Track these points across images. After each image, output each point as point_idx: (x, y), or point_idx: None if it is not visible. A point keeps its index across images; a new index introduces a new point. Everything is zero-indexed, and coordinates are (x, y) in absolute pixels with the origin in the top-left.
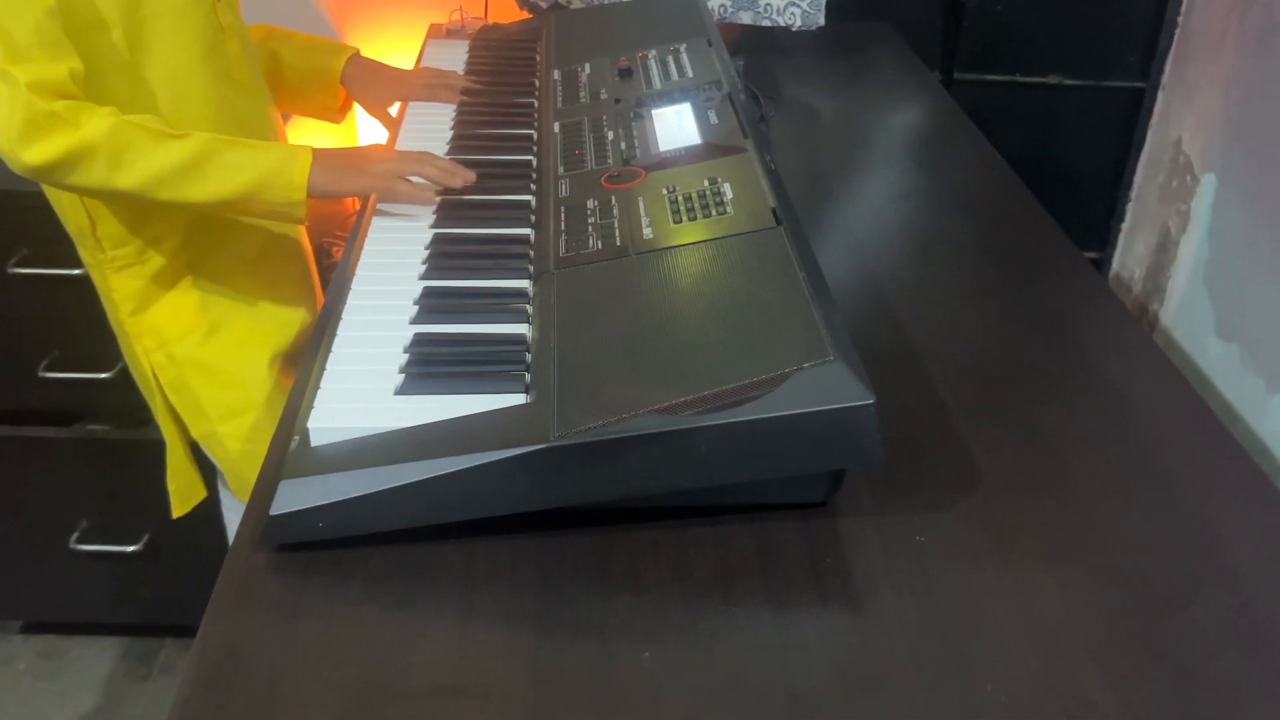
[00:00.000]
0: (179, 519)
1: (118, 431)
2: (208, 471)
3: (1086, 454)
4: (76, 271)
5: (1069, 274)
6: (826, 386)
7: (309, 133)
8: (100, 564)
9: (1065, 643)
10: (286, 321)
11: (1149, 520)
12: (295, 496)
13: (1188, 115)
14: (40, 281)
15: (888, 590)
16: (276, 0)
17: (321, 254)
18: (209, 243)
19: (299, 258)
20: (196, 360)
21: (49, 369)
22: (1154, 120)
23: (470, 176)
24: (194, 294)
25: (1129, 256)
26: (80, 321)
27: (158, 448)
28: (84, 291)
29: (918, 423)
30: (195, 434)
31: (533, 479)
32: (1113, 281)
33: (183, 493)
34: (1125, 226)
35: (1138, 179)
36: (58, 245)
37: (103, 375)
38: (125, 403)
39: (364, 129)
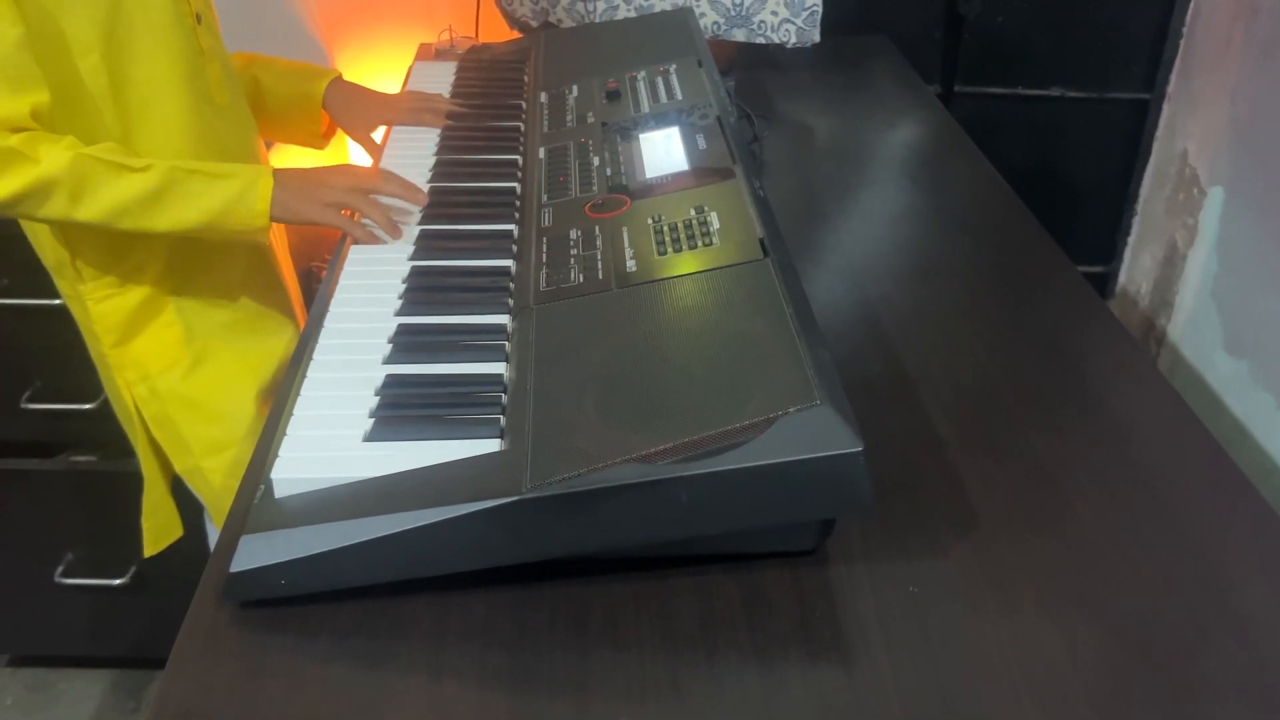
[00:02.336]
0: (167, 552)
1: (102, 463)
2: (193, 505)
3: (1089, 491)
4: (57, 302)
5: (1070, 297)
6: (813, 433)
7: (294, 158)
8: (86, 597)
9: (1066, 696)
10: (270, 353)
11: (1155, 563)
12: (256, 552)
13: (1193, 127)
14: (21, 312)
15: (880, 642)
16: (265, 21)
17: (311, 279)
18: (191, 271)
19: (280, 287)
20: (180, 394)
21: (31, 400)
22: (1159, 132)
23: (420, 201)
24: (177, 325)
25: (1135, 270)
26: (63, 352)
27: (142, 479)
28: (66, 322)
29: (913, 459)
30: (179, 469)
31: (505, 532)
32: (1119, 296)
33: (157, 531)
34: (1131, 240)
35: (1143, 192)
36: (39, 275)
37: (86, 406)
38: (110, 433)
39: (355, 153)
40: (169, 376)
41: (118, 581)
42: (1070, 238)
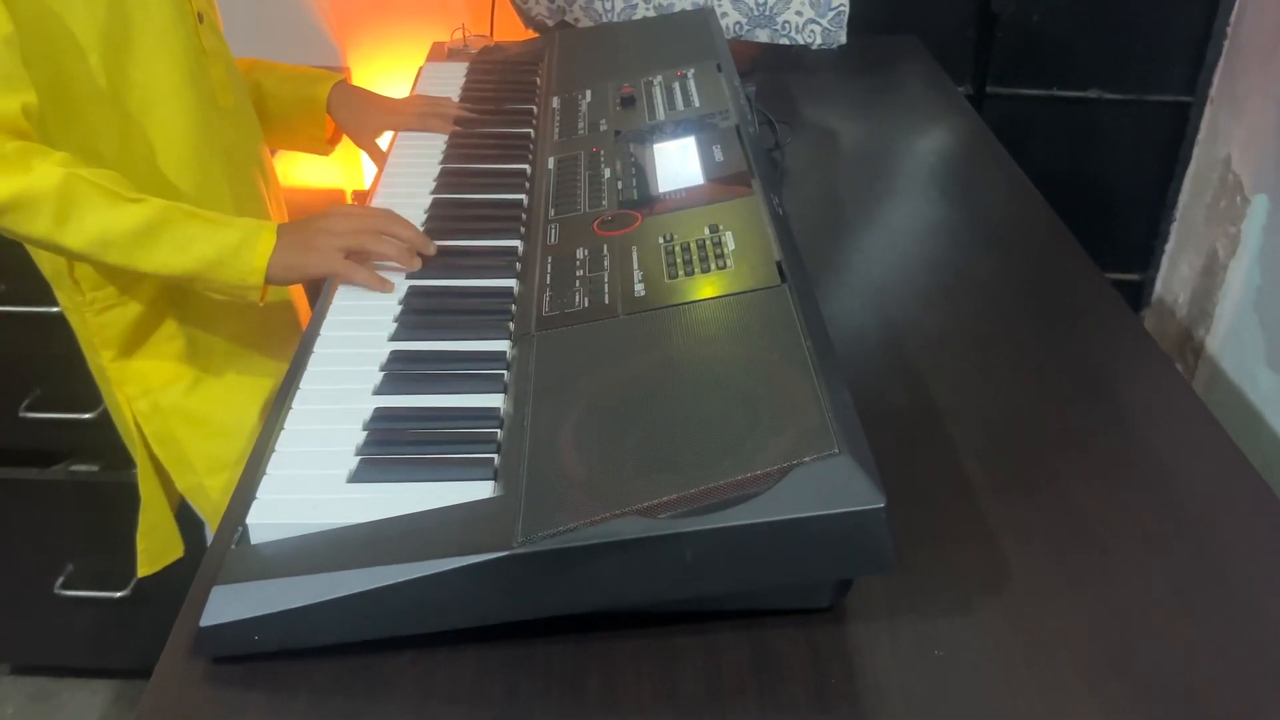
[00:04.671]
0: (171, 565)
1: (103, 473)
2: (195, 519)
3: (1130, 542)
4: (57, 309)
5: (1108, 322)
6: (831, 485)
7: (302, 163)
8: (87, 608)
9: None
10: (276, 368)
11: (1204, 628)
12: (228, 605)
13: (1237, 132)
14: (20, 320)
15: (902, 712)
16: (277, 18)
17: (318, 289)
18: None
19: (286, 298)
20: (183, 410)
21: (30, 409)
22: (1201, 136)
23: (430, 251)
24: (179, 339)
25: (1173, 280)
26: (62, 360)
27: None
28: (65, 329)
29: (939, 503)
30: (181, 487)
31: (494, 590)
32: (1155, 305)
33: (154, 551)
34: (1169, 248)
35: (1183, 198)
36: (38, 282)
37: (86, 415)
38: (110, 443)
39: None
40: (171, 392)
41: (119, 594)
42: (1106, 244)
